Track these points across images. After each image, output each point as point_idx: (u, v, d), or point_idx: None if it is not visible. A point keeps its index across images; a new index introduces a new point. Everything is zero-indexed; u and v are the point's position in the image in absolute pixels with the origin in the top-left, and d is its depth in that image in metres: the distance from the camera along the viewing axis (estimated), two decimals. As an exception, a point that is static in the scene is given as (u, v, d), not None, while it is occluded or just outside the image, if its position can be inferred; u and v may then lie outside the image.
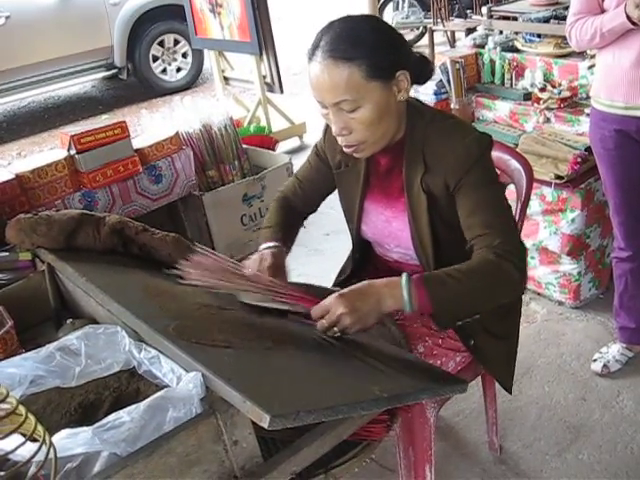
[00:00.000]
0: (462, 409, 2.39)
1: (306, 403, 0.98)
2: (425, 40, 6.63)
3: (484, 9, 4.51)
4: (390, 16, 7.63)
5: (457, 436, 2.30)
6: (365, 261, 1.86)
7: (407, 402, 1.19)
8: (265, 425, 0.90)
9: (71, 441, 0.94)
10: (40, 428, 0.84)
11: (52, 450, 0.84)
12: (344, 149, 1.52)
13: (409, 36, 7.58)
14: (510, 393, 1.76)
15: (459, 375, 1.69)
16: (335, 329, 1.32)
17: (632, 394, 2.38)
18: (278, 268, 1.56)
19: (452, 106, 3.20)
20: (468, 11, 5.63)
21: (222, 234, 2.93)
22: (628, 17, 1.94)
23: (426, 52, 5.64)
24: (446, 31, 6.02)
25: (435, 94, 3.20)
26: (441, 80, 3.20)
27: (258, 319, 1.36)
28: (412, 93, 1.53)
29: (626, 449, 2.17)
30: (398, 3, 7.71)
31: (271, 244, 1.64)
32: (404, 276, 1.35)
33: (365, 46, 1.38)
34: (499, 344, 1.72)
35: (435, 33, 6.02)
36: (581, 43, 2.17)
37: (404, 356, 1.47)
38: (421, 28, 7.59)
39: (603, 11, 2.08)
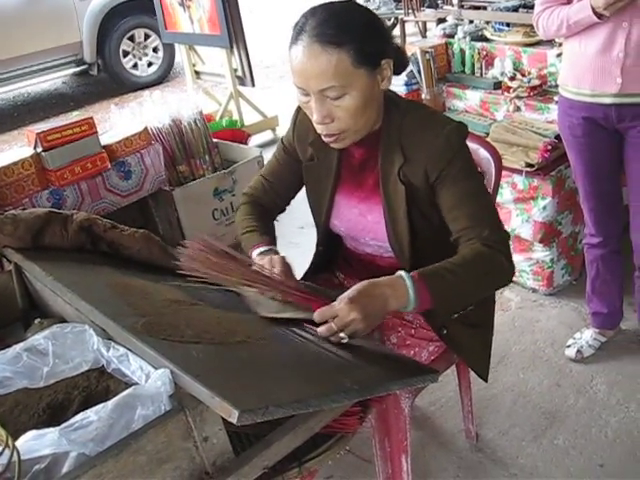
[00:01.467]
0: (438, 398, 2.40)
1: (276, 397, 0.98)
2: (397, 31, 6.63)
3: (454, -1, 4.53)
4: (361, 7, 7.60)
5: (433, 425, 2.31)
6: (334, 254, 1.85)
7: (378, 393, 1.19)
8: (234, 420, 0.89)
9: (37, 443, 0.93)
10: (2, 432, 0.83)
11: (15, 454, 0.83)
12: (324, 138, 1.48)
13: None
14: (486, 381, 1.76)
15: (433, 364, 1.69)
16: (342, 334, 1.27)
17: (605, 378, 2.41)
18: (289, 273, 1.52)
19: (423, 96, 3.21)
20: (439, 1, 5.62)
21: (194, 229, 2.90)
22: (594, 11, 1.95)
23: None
24: (417, 22, 6.02)
25: (406, 85, 3.21)
26: (412, 70, 3.20)
27: (228, 314, 1.35)
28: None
29: (600, 433, 2.19)
30: (369, -6, 7.70)
31: (265, 248, 1.59)
32: (405, 275, 1.31)
33: (354, 31, 1.35)
34: (473, 333, 1.71)
35: (407, 24, 6.03)
36: (548, 33, 2.19)
37: (375, 347, 1.47)
38: (392, 19, 7.57)
39: (570, 1, 2.09)
